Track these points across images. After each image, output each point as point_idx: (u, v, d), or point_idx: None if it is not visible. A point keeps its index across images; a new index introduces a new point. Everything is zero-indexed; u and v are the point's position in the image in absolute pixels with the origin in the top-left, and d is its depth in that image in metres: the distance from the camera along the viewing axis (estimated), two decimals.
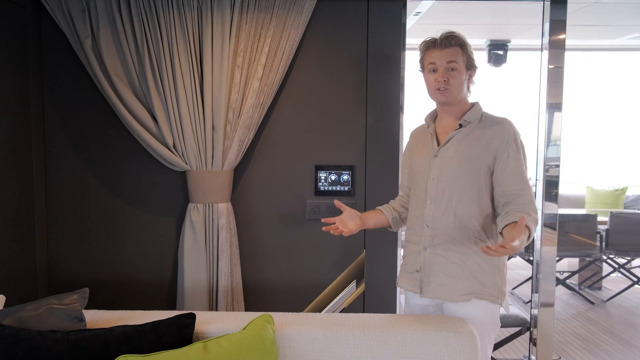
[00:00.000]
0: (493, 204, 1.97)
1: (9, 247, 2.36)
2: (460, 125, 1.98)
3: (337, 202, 2.14)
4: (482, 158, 1.92)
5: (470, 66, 1.97)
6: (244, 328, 1.73)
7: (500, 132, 1.92)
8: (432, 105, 2.11)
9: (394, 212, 2.21)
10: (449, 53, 1.93)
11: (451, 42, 1.93)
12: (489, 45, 5.78)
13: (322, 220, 2.14)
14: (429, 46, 1.98)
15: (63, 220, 2.65)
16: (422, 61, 2.03)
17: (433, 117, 2.11)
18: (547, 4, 2.67)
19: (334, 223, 2.10)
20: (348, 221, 2.10)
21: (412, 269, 2.05)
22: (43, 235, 2.62)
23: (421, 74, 2.07)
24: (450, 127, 2.02)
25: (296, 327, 1.82)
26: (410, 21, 4.62)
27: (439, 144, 2.02)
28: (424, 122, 2.15)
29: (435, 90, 1.96)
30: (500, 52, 5.83)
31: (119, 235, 2.66)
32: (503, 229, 1.86)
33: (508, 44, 5.78)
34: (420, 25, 4.66)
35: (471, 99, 2.04)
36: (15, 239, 2.41)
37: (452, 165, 1.95)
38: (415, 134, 2.20)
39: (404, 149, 2.62)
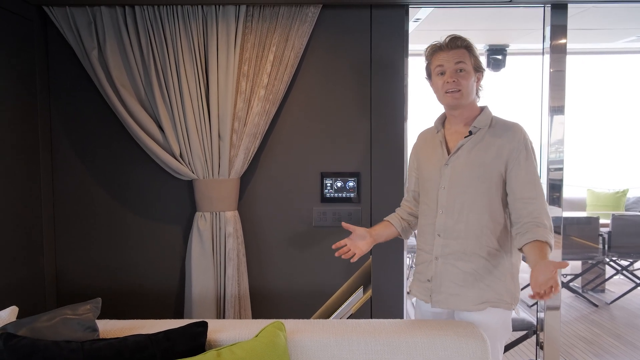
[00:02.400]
0: (505, 211, 1.94)
1: (17, 257, 2.37)
2: (470, 133, 1.95)
3: (344, 224, 2.12)
4: (493, 166, 1.90)
5: (478, 68, 1.95)
6: (256, 335, 1.74)
7: (511, 138, 1.90)
8: (435, 111, 2.09)
9: (402, 222, 2.20)
10: (456, 54, 1.91)
11: (457, 44, 1.92)
12: (488, 50, 5.80)
13: (333, 246, 2.12)
14: (435, 50, 1.96)
15: (71, 230, 2.66)
16: (428, 67, 2.01)
17: (442, 121, 2.07)
18: (548, 8, 2.70)
19: (345, 245, 2.09)
20: (358, 241, 2.09)
21: (424, 278, 2.04)
22: (51, 245, 2.63)
23: (427, 82, 2.05)
24: (459, 133, 1.99)
25: (308, 333, 1.83)
26: (410, 27, 4.64)
27: (449, 152, 1.99)
28: (432, 126, 2.12)
29: (445, 94, 1.93)
30: (499, 57, 5.86)
31: (127, 244, 2.67)
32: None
33: (507, 48, 5.81)
34: (419, 32, 4.69)
35: (479, 102, 2.03)
36: (23, 248, 2.42)
37: (463, 174, 1.93)
38: (424, 137, 2.16)
39: (409, 153, 2.64)
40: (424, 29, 4.60)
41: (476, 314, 1.93)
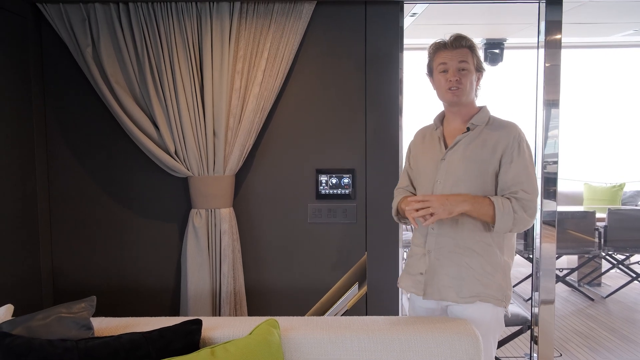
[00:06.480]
0: None
1: (14, 255, 2.37)
2: (468, 129, 1.99)
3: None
4: (488, 162, 1.94)
5: (479, 68, 2.00)
6: (250, 333, 1.75)
7: (506, 136, 1.94)
8: (431, 105, 2.13)
9: None
10: (460, 54, 1.96)
11: (462, 44, 1.96)
12: (485, 44, 5.79)
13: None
14: (439, 47, 2.00)
15: (66, 228, 2.67)
16: (430, 64, 2.05)
17: (441, 118, 2.12)
18: (543, 4, 2.70)
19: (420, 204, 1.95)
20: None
21: (415, 271, 2.07)
22: (47, 243, 2.64)
23: (424, 78, 2.08)
24: (457, 130, 2.03)
25: (301, 331, 1.84)
26: (406, 22, 4.63)
27: (446, 147, 2.03)
28: (431, 123, 2.16)
29: (446, 90, 1.97)
30: (497, 51, 5.85)
31: (122, 242, 2.68)
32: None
33: (504, 42, 5.80)
34: (416, 26, 4.68)
35: (478, 102, 2.07)
36: (19, 246, 2.43)
37: (458, 169, 1.96)
38: (422, 133, 2.20)
39: (404, 150, 2.64)
40: (420, 23, 4.59)
41: (467, 309, 1.95)
